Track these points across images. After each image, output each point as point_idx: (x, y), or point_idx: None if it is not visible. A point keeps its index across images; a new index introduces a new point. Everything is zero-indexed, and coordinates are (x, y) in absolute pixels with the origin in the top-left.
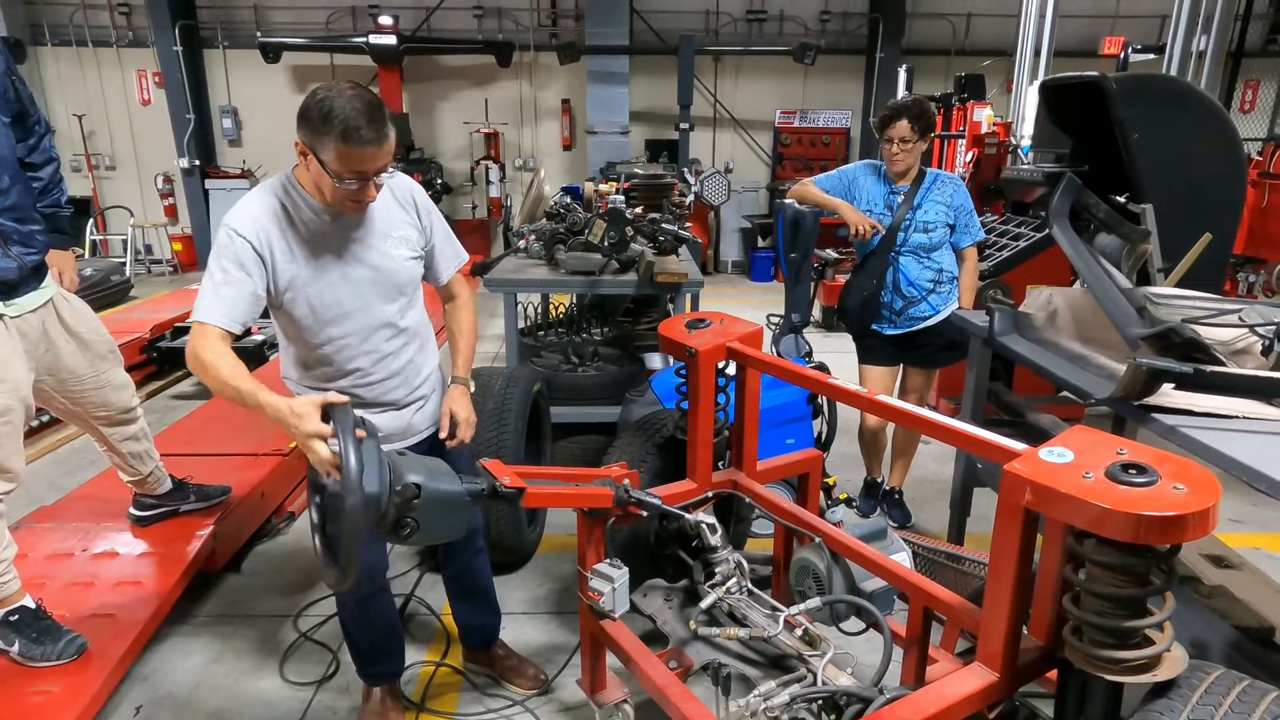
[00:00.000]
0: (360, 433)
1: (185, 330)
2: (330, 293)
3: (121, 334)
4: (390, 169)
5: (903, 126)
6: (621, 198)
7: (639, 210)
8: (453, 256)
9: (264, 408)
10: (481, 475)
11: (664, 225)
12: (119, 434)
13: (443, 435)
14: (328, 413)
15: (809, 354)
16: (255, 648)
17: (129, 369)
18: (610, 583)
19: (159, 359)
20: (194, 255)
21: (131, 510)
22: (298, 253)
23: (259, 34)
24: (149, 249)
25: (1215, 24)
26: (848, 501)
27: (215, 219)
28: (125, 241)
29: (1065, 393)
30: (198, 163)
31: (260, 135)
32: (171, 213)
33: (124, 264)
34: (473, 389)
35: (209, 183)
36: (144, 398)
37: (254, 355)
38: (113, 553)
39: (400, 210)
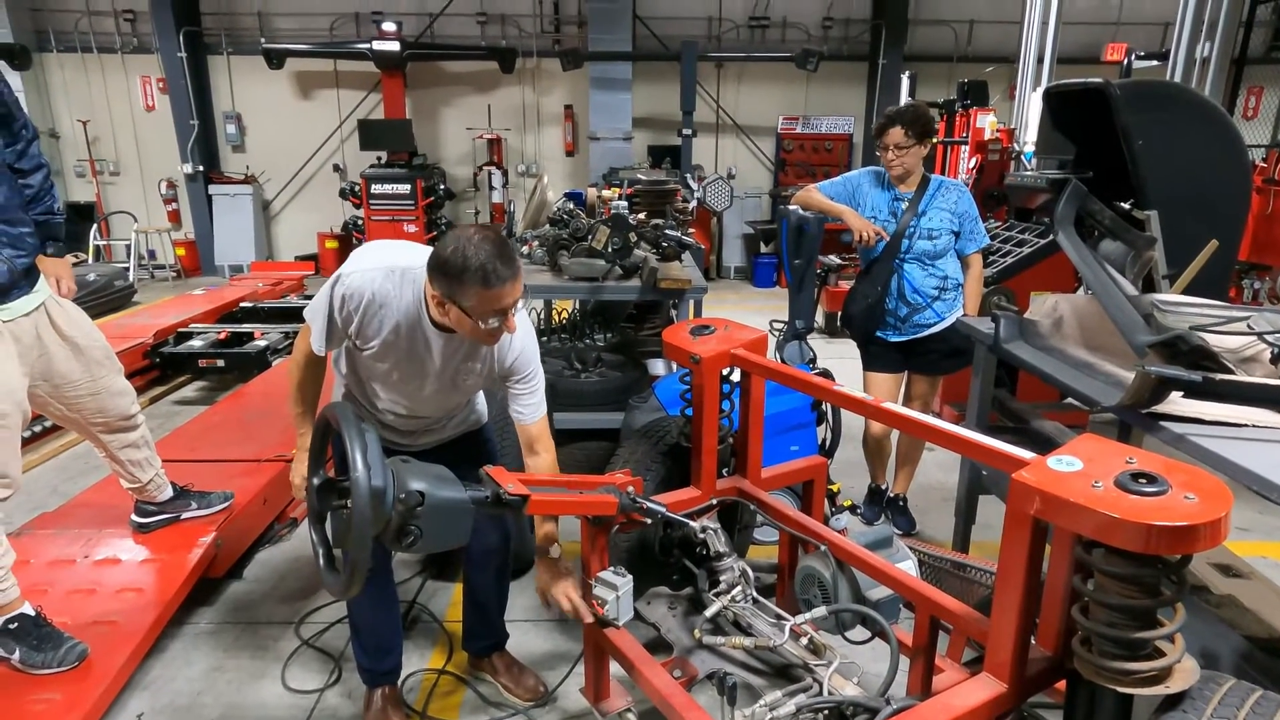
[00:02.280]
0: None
1: (188, 336)
2: (394, 375)
3: (124, 339)
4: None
5: (896, 133)
6: (624, 204)
7: (642, 216)
8: (525, 410)
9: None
10: (485, 482)
11: (667, 231)
12: (118, 441)
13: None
14: (330, 412)
15: (813, 360)
16: (257, 655)
17: (131, 374)
18: (614, 591)
19: (162, 364)
20: (197, 260)
21: (133, 517)
22: (385, 335)
23: (263, 40)
24: (152, 254)
25: (1220, 30)
26: (852, 509)
27: (218, 224)
28: (128, 247)
29: (1069, 400)
30: (201, 168)
31: (263, 141)
32: (175, 218)
33: (127, 269)
34: (555, 555)
35: (212, 188)
36: (146, 403)
37: (256, 361)
38: (114, 559)
39: (494, 353)
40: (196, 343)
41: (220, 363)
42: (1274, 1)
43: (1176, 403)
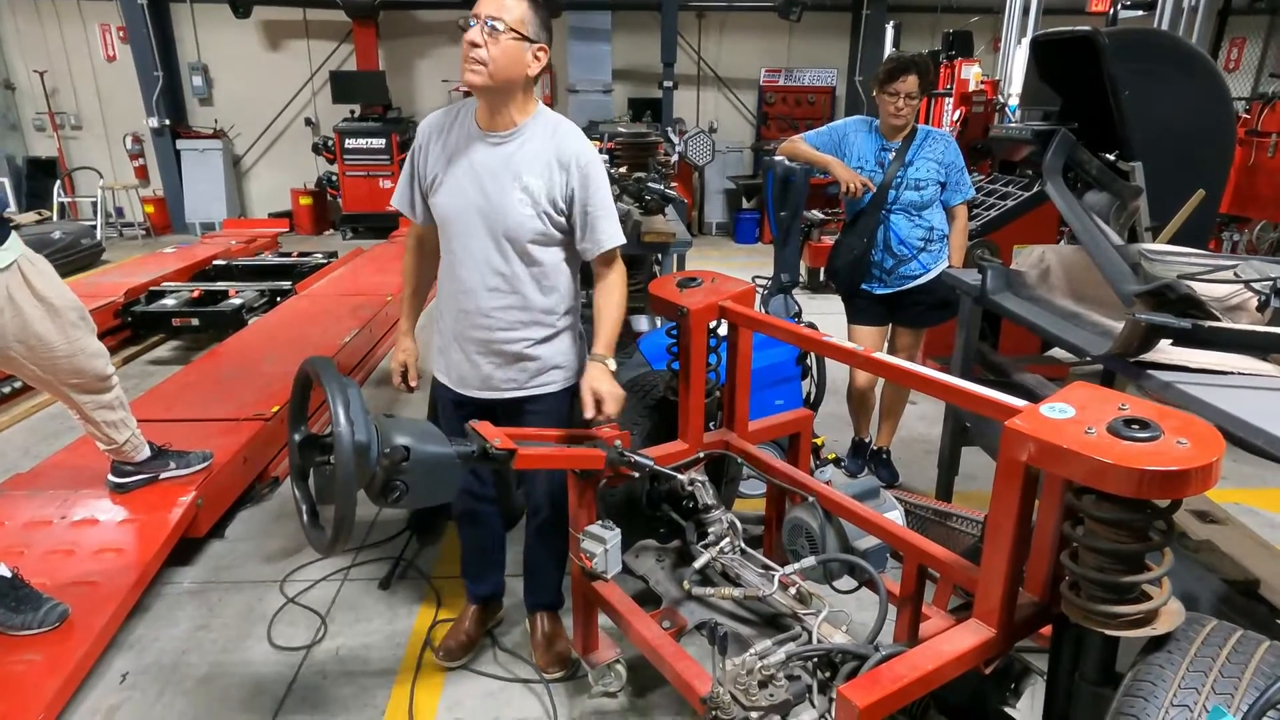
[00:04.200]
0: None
1: (160, 295)
2: (451, 202)
3: (94, 298)
4: (570, 130)
5: (911, 81)
6: (605, 157)
7: (623, 170)
8: (591, 236)
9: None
10: (471, 437)
11: (650, 184)
12: (93, 402)
13: (588, 414)
14: (310, 365)
15: (798, 314)
16: (242, 613)
17: (102, 334)
18: (602, 544)
19: (134, 323)
20: (166, 218)
21: (110, 477)
22: (444, 154)
23: None
24: (120, 212)
25: None
26: (836, 462)
27: (188, 180)
28: (95, 204)
29: (1050, 352)
30: (168, 122)
31: (232, 93)
32: (143, 174)
33: (94, 227)
34: (613, 368)
35: (180, 143)
36: (120, 363)
37: (231, 319)
38: (92, 520)
39: (547, 163)
40: (169, 301)
41: (195, 321)
42: None
43: (1164, 350)
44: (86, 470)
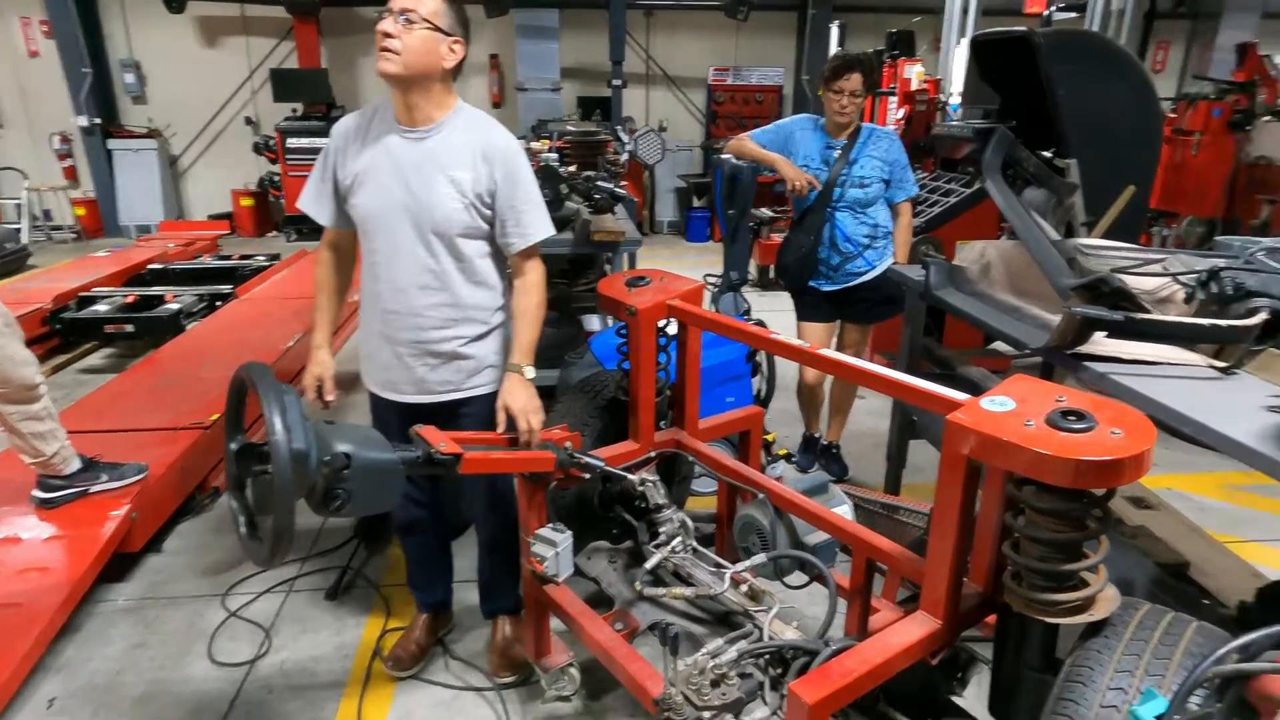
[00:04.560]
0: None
1: (92, 300)
2: (374, 201)
3: (20, 305)
4: (491, 123)
5: (855, 79)
6: (555, 155)
7: (573, 168)
8: (518, 230)
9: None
10: (416, 442)
11: (599, 183)
12: (19, 413)
13: (500, 430)
14: (245, 372)
15: (748, 312)
16: (181, 630)
17: (30, 343)
18: (553, 547)
19: (64, 331)
20: (99, 220)
21: (35, 493)
22: (362, 154)
23: None
24: (48, 214)
25: None
26: (787, 457)
27: (121, 181)
28: (19, 206)
29: (993, 345)
30: (98, 121)
31: (167, 91)
32: (72, 175)
33: (19, 230)
34: (530, 376)
35: (112, 143)
36: (49, 372)
37: (168, 325)
38: (14, 538)
39: (471, 155)
40: (102, 307)
41: (129, 328)
42: None
43: (1099, 342)
44: (9, 485)
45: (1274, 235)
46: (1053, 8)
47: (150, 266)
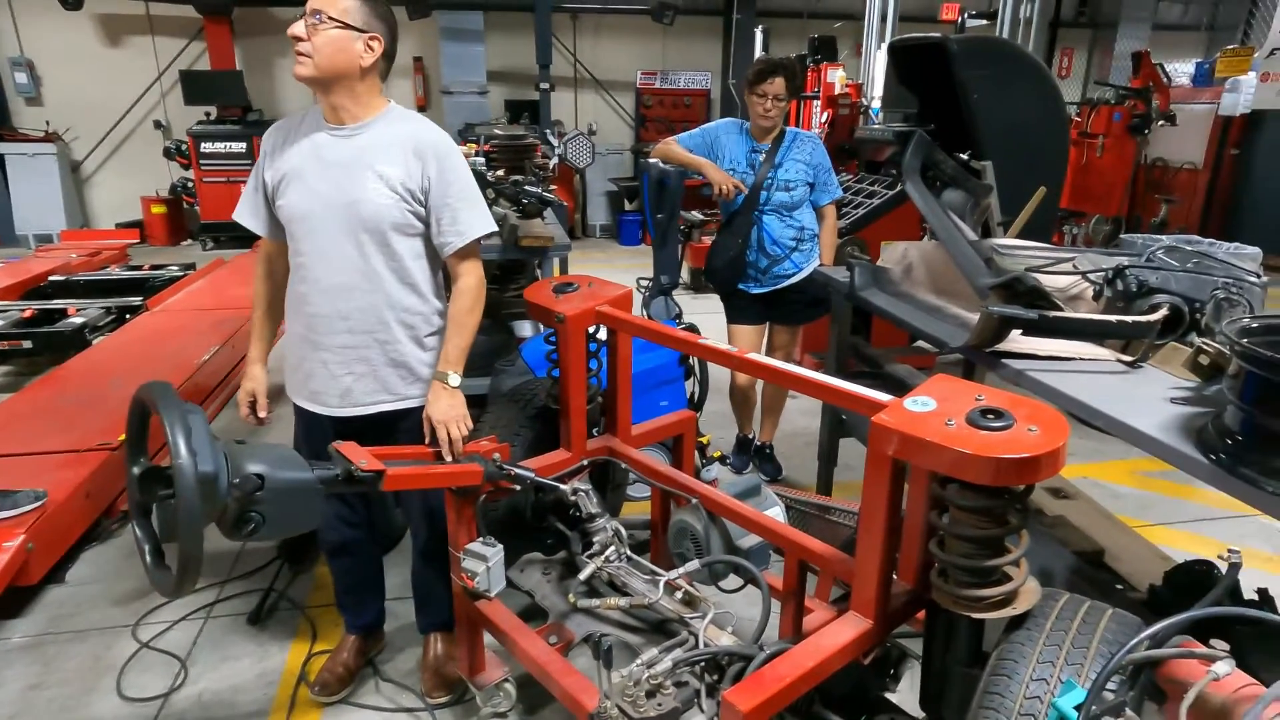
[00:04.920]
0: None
1: None
2: (300, 200)
3: None
4: (422, 120)
5: (779, 83)
6: (482, 160)
7: (500, 173)
8: (454, 228)
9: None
10: (335, 459)
11: (528, 188)
12: None
13: (426, 441)
14: (145, 393)
15: (679, 315)
16: (87, 665)
17: None
18: (484, 562)
19: None
20: None
21: None
22: (289, 156)
23: None
24: None
25: None
26: (721, 459)
27: (16, 189)
28: None
29: (918, 343)
30: None
31: (65, 92)
32: None
33: None
34: (454, 384)
35: (4, 147)
36: None
37: (71, 340)
38: None
39: (402, 151)
40: None
41: (26, 344)
42: None
43: (1016, 340)
44: None
45: (1172, 232)
46: (965, 15)
47: (51, 278)
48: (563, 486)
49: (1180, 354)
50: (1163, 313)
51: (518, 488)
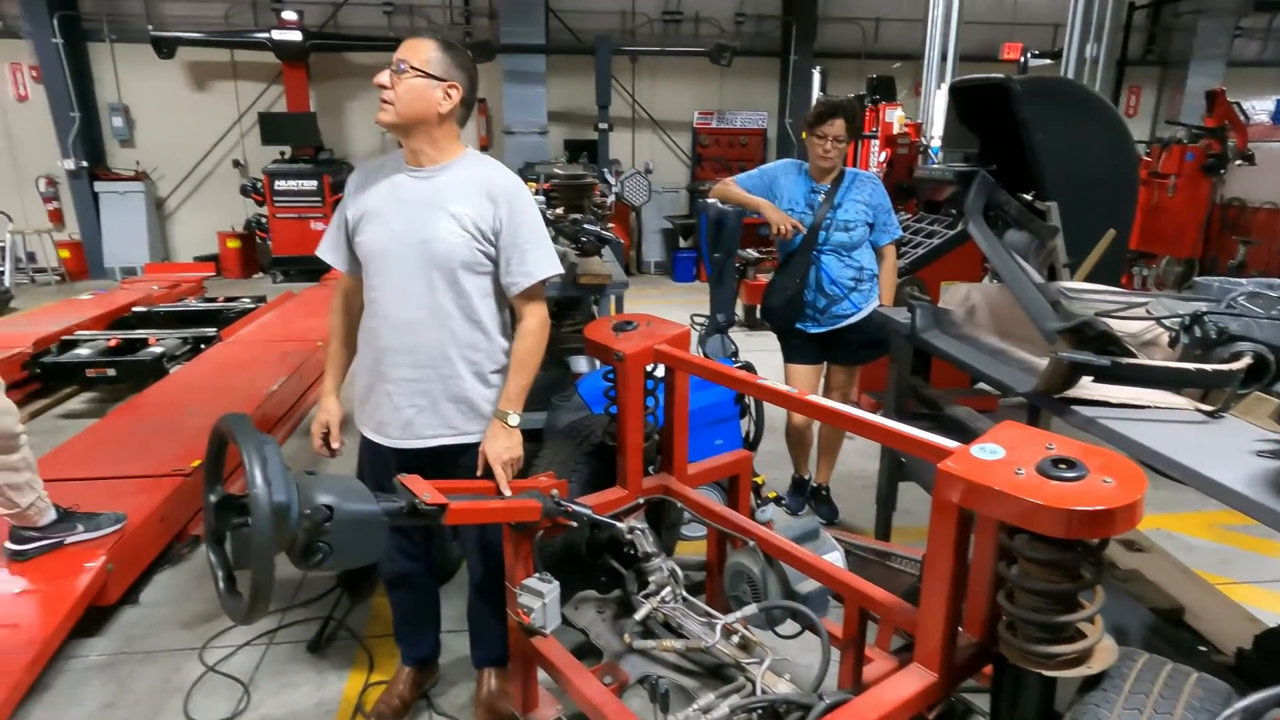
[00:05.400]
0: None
1: (74, 344)
2: (375, 237)
3: None
4: (497, 165)
5: (839, 125)
6: (542, 198)
7: (560, 211)
8: (522, 268)
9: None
10: (400, 492)
11: (586, 226)
12: None
13: (480, 473)
14: (225, 424)
15: (735, 353)
16: (156, 687)
17: (8, 388)
18: (540, 598)
19: (44, 375)
20: (83, 263)
21: (7, 545)
22: (371, 193)
23: (150, 27)
24: (32, 257)
25: (1106, 32)
26: (777, 500)
27: (107, 224)
28: (3, 249)
29: (979, 385)
30: (85, 164)
31: (155, 135)
32: (57, 218)
33: (2, 273)
34: (513, 423)
35: (99, 185)
36: (26, 418)
37: (150, 369)
38: None
39: (475, 193)
40: (83, 351)
41: (110, 371)
42: (1147, 8)
43: (1086, 387)
44: None
45: (1250, 274)
46: (1028, 54)
47: (134, 309)
48: (619, 524)
49: (1266, 405)
50: (1246, 361)
51: (574, 524)
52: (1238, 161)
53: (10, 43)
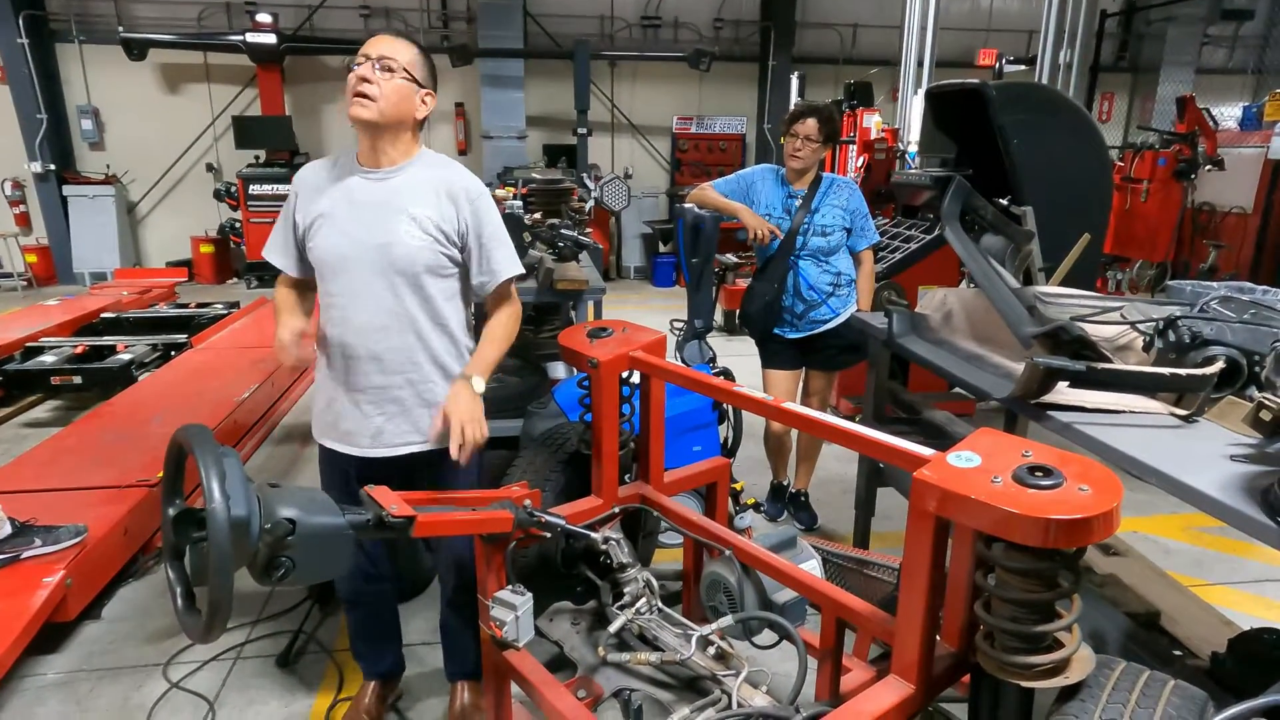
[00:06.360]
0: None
1: (39, 351)
2: (333, 242)
3: None
4: (454, 164)
5: (810, 125)
6: (519, 203)
7: (537, 216)
8: (488, 268)
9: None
10: (367, 504)
11: (563, 231)
12: None
13: (431, 436)
14: (183, 435)
15: (713, 359)
16: (117, 705)
17: None
18: (513, 611)
19: (7, 383)
20: (51, 268)
21: None
22: (322, 196)
23: (121, 29)
24: None
25: (1079, 39)
26: (755, 506)
27: (76, 228)
28: None
29: (957, 388)
30: (53, 167)
31: (126, 138)
32: (24, 221)
33: None
34: (479, 389)
35: (67, 189)
36: None
37: (119, 376)
38: None
39: (434, 194)
40: (48, 358)
41: (77, 379)
42: (1119, 15)
43: (1062, 392)
44: None
45: (1221, 277)
46: (1003, 60)
47: (103, 315)
48: (594, 535)
49: (1239, 409)
50: (1219, 365)
51: (548, 535)
52: (1208, 167)
53: None
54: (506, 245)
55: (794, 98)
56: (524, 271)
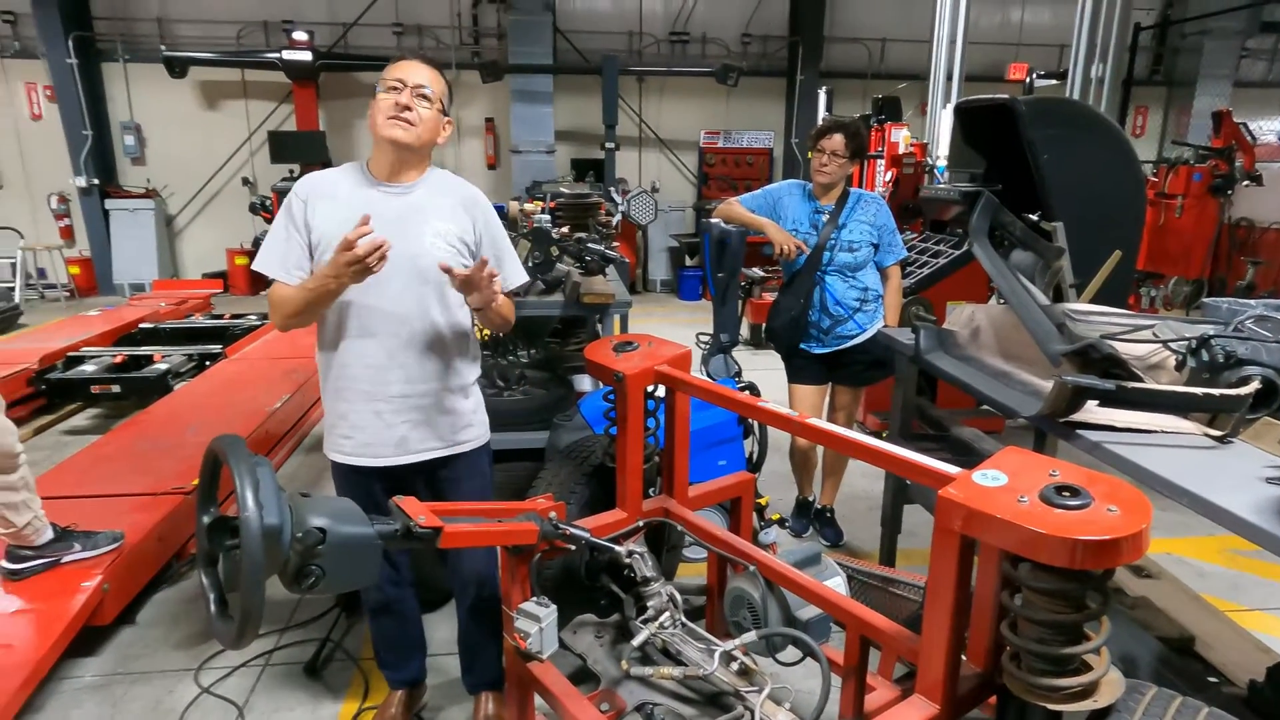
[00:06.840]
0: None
1: (79, 360)
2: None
3: (4, 365)
4: (463, 180)
5: (837, 140)
6: (547, 217)
7: (565, 230)
8: (503, 276)
9: (313, 287)
10: (395, 514)
11: (590, 245)
12: None
13: (455, 270)
14: (217, 445)
15: (738, 374)
16: (149, 708)
17: (13, 404)
18: (537, 622)
19: (49, 391)
20: (93, 279)
21: (2, 564)
22: (337, 212)
23: (163, 48)
24: (42, 273)
25: (1111, 53)
26: (780, 522)
27: (117, 241)
28: (14, 265)
29: (986, 405)
30: (96, 181)
31: (166, 153)
32: (68, 234)
33: (12, 289)
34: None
35: (110, 203)
36: (30, 434)
37: (155, 386)
38: None
39: (452, 207)
40: (89, 367)
41: (116, 388)
42: (1153, 29)
43: (1091, 411)
44: None
45: (1259, 294)
46: (1033, 75)
47: (141, 325)
48: (618, 548)
49: (1275, 430)
50: (1255, 385)
51: (572, 548)
52: (1245, 182)
53: (26, 63)
54: (513, 254)
55: (822, 112)
56: (527, 280)
